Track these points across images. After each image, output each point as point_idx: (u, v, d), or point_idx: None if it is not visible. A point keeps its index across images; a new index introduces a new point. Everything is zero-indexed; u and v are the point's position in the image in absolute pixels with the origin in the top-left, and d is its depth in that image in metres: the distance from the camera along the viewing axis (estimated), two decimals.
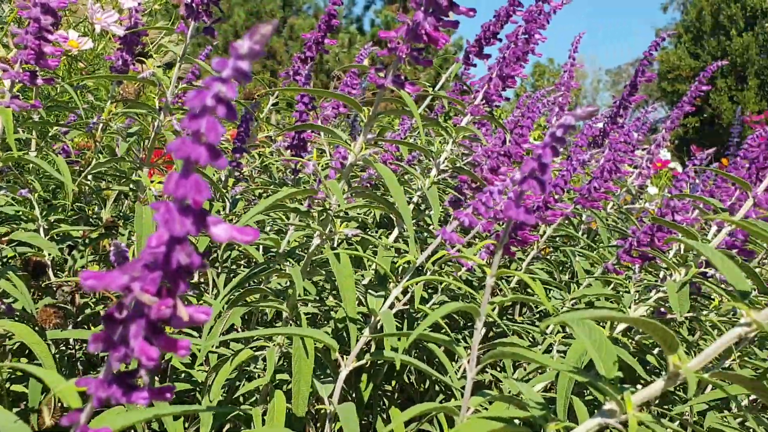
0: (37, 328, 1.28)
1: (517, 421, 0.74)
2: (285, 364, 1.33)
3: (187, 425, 1.37)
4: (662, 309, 1.41)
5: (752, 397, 1.49)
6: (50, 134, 1.68)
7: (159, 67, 1.39)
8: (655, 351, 1.57)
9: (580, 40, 2.69)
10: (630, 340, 1.44)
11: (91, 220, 1.83)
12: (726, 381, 0.69)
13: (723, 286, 1.45)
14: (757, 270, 1.76)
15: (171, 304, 0.50)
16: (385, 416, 1.58)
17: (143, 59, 1.96)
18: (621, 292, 1.67)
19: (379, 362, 1.47)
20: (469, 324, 1.81)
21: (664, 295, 1.38)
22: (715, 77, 20.40)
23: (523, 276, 0.76)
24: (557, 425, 0.71)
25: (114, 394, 0.56)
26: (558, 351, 1.37)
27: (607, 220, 2.26)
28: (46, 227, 1.57)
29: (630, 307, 1.37)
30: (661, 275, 1.69)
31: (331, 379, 1.16)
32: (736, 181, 1.19)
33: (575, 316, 0.61)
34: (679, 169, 6.30)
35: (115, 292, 1.41)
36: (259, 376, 1.38)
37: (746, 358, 1.53)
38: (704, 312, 1.45)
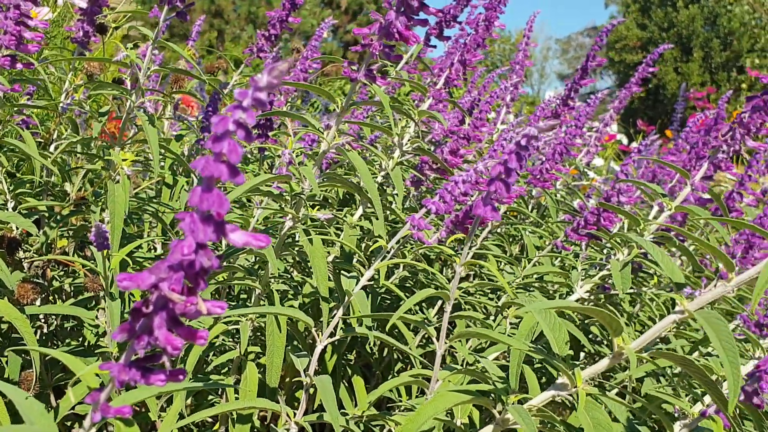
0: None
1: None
2: (255, 337, 1.40)
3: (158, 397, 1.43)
4: (606, 285, 1.53)
5: None
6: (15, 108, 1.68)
7: (130, 46, 1.41)
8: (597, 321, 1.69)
9: (535, 19, 2.77)
10: (575, 313, 1.55)
11: (52, 193, 1.84)
12: (660, 358, 0.80)
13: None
14: (692, 249, 1.90)
15: (195, 302, 0.56)
16: (346, 383, 1.67)
17: (104, 31, 1.96)
18: (568, 266, 1.78)
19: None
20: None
21: (608, 273, 1.50)
22: None
23: (491, 268, 0.84)
24: (516, 397, 0.80)
25: (134, 377, 0.62)
26: (510, 323, 1.48)
27: (555, 196, 2.37)
28: (12, 202, 1.58)
29: (577, 284, 1.48)
30: (605, 252, 1.81)
31: (303, 352, 1.23)
32: (676, 170, 1.30)
33: (537, 306, 0.69)
34: (625, 141, 6.51)
35: (84, 266, 1.44)
36: (229, 349, 1.44)
37: (681, 329, 1.67)
38: (644, 287, 1.57)
